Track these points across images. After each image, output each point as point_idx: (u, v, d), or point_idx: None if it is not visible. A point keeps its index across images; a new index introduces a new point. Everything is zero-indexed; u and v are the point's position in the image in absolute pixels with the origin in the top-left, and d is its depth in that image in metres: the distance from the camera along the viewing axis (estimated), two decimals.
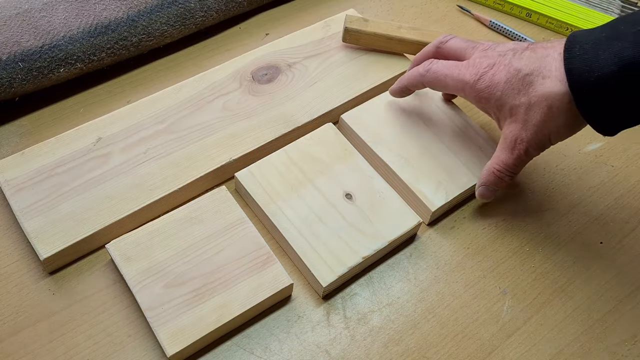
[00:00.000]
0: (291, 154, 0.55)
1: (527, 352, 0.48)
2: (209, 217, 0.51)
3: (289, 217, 0.51)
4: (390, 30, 0.62)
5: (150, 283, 0.47)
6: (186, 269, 0.48)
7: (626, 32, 0.43)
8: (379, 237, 0.51)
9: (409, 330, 0.49)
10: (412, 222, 0.52)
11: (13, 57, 0.55)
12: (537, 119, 0.47)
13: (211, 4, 0.64)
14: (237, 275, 0.48)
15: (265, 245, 0.50)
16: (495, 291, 0.51)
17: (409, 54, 0.64)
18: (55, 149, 0.53)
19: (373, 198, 0.53)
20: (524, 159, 0.50)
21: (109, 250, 0.48)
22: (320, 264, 0.49)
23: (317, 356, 0.47)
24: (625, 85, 0.42)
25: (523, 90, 0.47)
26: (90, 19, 0.58)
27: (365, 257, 0.50)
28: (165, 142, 0.55)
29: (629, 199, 0.58)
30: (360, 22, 0.62)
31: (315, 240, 0.50)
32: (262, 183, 0.53)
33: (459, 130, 0.58)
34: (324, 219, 0.52)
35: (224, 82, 0.60)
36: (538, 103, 0.46)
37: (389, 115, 0.58)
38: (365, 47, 0.63)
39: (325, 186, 0.53)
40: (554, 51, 0.47)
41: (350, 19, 0.62)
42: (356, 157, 0.56)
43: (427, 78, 0.53)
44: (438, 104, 0.59)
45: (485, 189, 0.52)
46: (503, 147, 0.50)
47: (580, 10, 0.72)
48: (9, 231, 0.51)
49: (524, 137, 0.48)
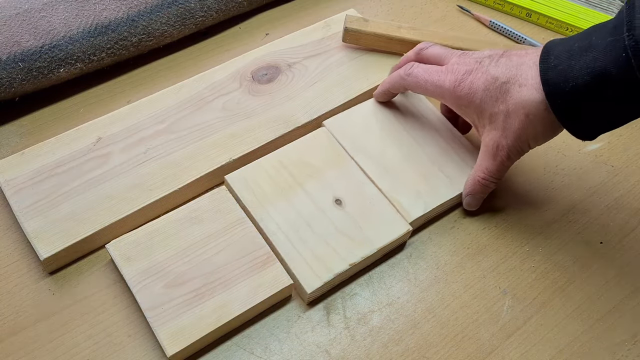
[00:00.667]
0: (282, 157, 0.55)
1: (527, 352, 0.48)
2: (208, 217, 0.51)
3: (277, 221, 0.51)
4: (390, 30, 0.62)
5: (150, 283, 0.47)
6: (186, 269, 0.48)
7: (598, 43, 0.44)
8: (368, 243, 0.50)
9: (409, 330, 0.49)
10: (402, 229, 0.51)
11: (13, 57, 0.55)
12: (516, 126, 0.48)
13: (211, 4, 0.64)
14: (237, 275, 0.48)
15: (265, 246, 0.50)
16: (495, 291, 0.51)
17: None
18: (55, 149, 0.53)
19: (363, 204, 0.53)
20: (507, 164, 0.51)
21: (109, 250, 0.48)
22: (306, 269, 0.49)
23: (317, 356, 0.47)
24: (598, 94, 0.44)
25: (501, 97, 0.48)
26: (90, 19, 0.58)
27: (352, 263, 0.49)
28: (165, 142, 0.55)
29: (629, 199, 0.58)
30: (360, 22, 0.62)
31: (302, 245, 0.50)
32: (251, 186, 0.53)
33: (442, 138, 0.57)
34: (312, 224, 0.51)
35: (224, 82, 0.60)
36: (516, 111, 0.48)
37: (373, 122, 0.58)
38: (365, 47, 0.63)
39: (315, 191, 0.53)
40: (529, 59, 0.48)
41: (350, 19, 0.62)
42: (349, 163, 0.55)
43: (407, 81, 0.54)
44: (422, 112, 0.59)
45: (472, 198, 0.53)
46: (485, 154, 0.51)
47: (580, 10, 0.72)
48: (9, 231, 0.51)
49: (505, 144, 0.49)
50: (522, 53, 0.49)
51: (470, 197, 0.53)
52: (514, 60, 0.49)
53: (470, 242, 0.54)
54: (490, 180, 0.52)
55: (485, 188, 0.52)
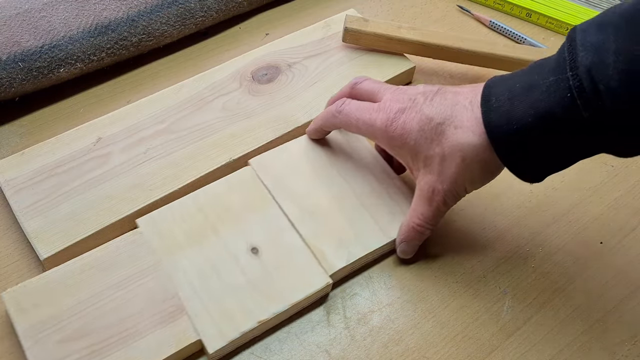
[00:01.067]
0: (201, 199, 0.51)
1: (527, 352, 0.48)
2: (119, 262, 0.47)
3: (186, 270, 0.47)
4: (390, 30, 0.62)
5: (44, 337, 0.43)
6: (86, 320, 0.44)
7: (539, 83, 0.42)
8: (280, 299, 0.46)
9: (409, 330, 0.49)
10: (320, 283, 0.47)
11: (13, 57, 0.55)
12: (452, 170, 0.46)
13: (211, 4, 0.64)
14: (142, 328, 0.44)
15: (176, 296, 0.45)
16: (495, 291, 0.51)
17: (409, 54, 0.64)
18: (55, 149, 0.53)
19: (281, 253, 0.48)
20: (443, 209, 0.48)
21: (4, 299, 0.44)
22: (210, 326, 0.44)
23: (317, 356, 0.47)
24: (543, 135, 0.42)
25: (436, 139, 0.46)
26: (90, 19, 0.59)
27: (261, 321, 0.45)
28: (165, 142, 0.55)
29: (629, 199, 0.58)
30: (360, 22, 0.62)
31: (209, 298, 0.46)
32: (162, 231, 0.49)
33: (375, 180, 0.53)
34: (222, 274, 0.47)
35: (224, 82, 0.60)
36: (451, 154, 0.45)
37: (303, 161, 0.54)
38: (365, 47, 0.63)
39: (231, 237, 0.49)
40: (464, 98, 0.46)
41: (350, 19, 0.62)
42: (271, 206, 0.51)
43: (339, 119, 0.51)
44: (358, 150, 0.55)
45: (407, 245, 0.50)
46: (420, 199, 0.48)
47: (580, 10, 0.72)
48: (9, 231, 0.51)
49: (441, 188, 0.47)
50: (457, 91, 0.47)
51: (404, 245, 0.50)
52: (449, 99, 0.46)
53: (470, 243, 0.54)
54: (426, 227, 0.49)
55: (421, 235, 0.49)
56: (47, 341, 0.43)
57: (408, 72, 0.63)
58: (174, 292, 0.46)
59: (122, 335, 0.43)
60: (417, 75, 0.65)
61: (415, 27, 0.63)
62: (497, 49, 0.62)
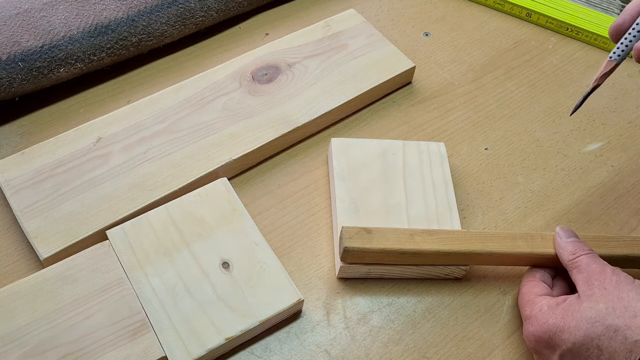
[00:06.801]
0: (173, 211, 0.50)
1: (527, 352, 0.48)
2: (84, 276, 0.46)
3: (154, 285, 0.46)
4: (402, 242, 0.47)
5: (5, 353, 0.41)
6: (49, 336, 0.43)
7: None
8: (250, 315, 0.45)
9: (409, 330, 0.49)
10: (292, 299, 0.46)
11: (13, 57, 0.55)
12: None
13: (211, 4, 0.64)
14: (104, 345, 0.43)
15: (141, 311, 0.44)
16: (495, 291, 0.51)
17: (426, 265, 0.49)
18: (55, 149, 0.53)
19: (252, 269, 0.47)
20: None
21: None
22: (177, 342, 0.43)
23: (317, 356, 0.47)
24: None
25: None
26: (90, 19, 0.59)
27: (229, 338, 0.44)
28: (165, 142, 0.55)
29: (629, 199, 0.58)
30: (362, 235, 0.47)
31: (176, 314, 0.44)
32: (132, 244, 0.48)
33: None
34: (191, 290, 0.46)
35: (224, 82, 0.60)
36: None
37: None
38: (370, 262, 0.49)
39: (202, 252, 0.48)
40: None
41: (348, 233, 0.47)
42: (244, 220, 0.50)
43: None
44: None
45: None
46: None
47: (580, 10, 0.72)
48: (9, 231, 0.51)
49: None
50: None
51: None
52: None
53: None
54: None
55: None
56: (8, 357, 0.42)
57: (408, 72, 0.63)
58: (140, 307, 0.45)
59: (85, 351, 0.42)
60: (417, 76, 0.65)
61: (429, 230, 0.48)
62: (518, 246, 0.48)
